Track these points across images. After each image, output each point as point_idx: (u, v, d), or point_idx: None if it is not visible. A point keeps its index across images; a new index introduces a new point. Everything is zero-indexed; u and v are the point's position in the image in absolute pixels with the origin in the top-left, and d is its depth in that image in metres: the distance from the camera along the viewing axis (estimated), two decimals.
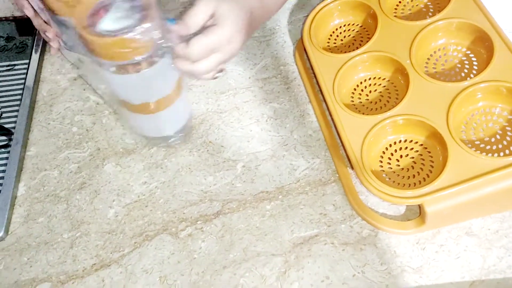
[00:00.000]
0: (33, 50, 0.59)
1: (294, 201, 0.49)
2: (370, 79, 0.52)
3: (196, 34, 0.43)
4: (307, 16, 0.56)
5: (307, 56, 0.54)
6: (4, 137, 0.53)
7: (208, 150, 0.53)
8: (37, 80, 0.57)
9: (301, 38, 0.55)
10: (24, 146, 0.53)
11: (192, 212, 0.49)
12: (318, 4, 0.56)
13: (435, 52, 0.52)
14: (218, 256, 0.46)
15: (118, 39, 0.39)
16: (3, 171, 0.50)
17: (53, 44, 0.53)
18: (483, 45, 0.49)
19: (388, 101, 0.51)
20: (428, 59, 0.52)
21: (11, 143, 0.52)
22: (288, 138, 0.53)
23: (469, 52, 0.51)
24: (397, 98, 0.50)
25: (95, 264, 0.46)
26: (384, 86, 0.52)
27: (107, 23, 0.39)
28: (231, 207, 0.49)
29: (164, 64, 0.43)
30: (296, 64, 0.58)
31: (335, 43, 0.56)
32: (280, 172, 0.51)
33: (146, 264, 0.45)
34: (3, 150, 0.52)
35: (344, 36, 0.56)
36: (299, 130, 0.54)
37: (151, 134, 0.51)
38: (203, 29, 0.43)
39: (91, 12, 0.40)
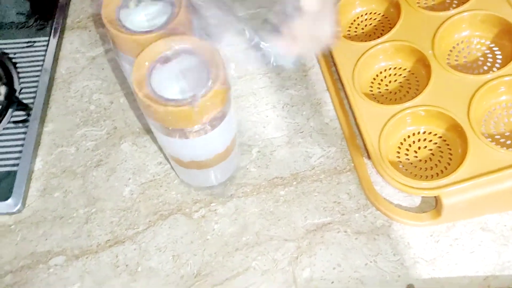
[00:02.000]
0: (53, 28, 0.59)
1: (308, 188, 0.49)
2: (390, 68, 0.52)
3: None
4: None
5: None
6: (22, 112, 0.53)
7: None
8: (56, 58, 0.58)
9: None
10: (42, 122, 0.53)
11: (206, 194, 0.49)
12: None
13: (458, 44, 0.51)
14: (230, 238, 0.46)
15: (187, 108, 0.34)
16: (21, 145, 0.51)
17: None
18: (508, 38, 0.48)
19: (408, 92, 0.50)
20: (451, 50, 0.51)
21: (29, 118, 0.52)
22: (304, 126, 0.53)
23: (493, 45, 0.50)
24: (417, 89, 0.50)
25: (109, 240, 0.46)
26: (405, 77, 0.51)
27: (171, 87, 0.36)
28: (245, 191, 0.49)
29: (224, 126, 0.39)
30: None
31: (355, 31, 0.56)
32: (295, 159, 0.51)
33: (159, 243, 0.46)
34: (21, 125, 0.52)
35: (365, 25, 0.56)
36: (316, 118, 0.53)
37: (194, 183, 0.48)
38: None
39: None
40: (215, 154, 0.43)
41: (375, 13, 0.56)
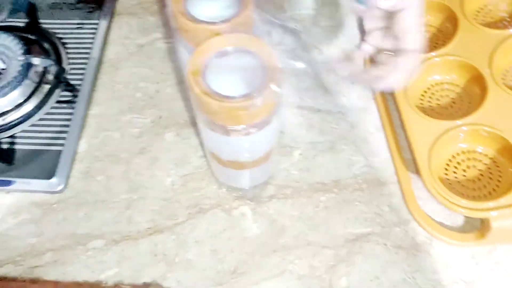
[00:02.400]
0: (103, 12, 0.60)
1: (350, 196, 0.49)
2: (443, 83, 0.51)
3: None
4: None
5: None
6: (69, 93, 0.53)
7: None
8: (105, 42, 0.58)
9: None
10: (88, 104, 0.53)
11: (246, 193, 0.49)
12: None
13: None
14: (268, 239, 0.46)
15: (240, 105, 0.33)
16: (67, 125, 0.51)
17: None
18: None
19: (459, 109, 0.50)
20: (507, 70, 0.50)
21: (76, 99, 0.53)
22: (348, 132, 0.52)
23: None
24: (469, 106, 0.49)
25: (149, 228, 0.46)
26: (458, 93, 0.51)
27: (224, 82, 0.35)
28: (285, 193, 0.49)
29: (268, 130, 0.39)
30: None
31: None
32: (338, 166, 0.50)
33: (198, 236, 0.46)
34: (68, 105, 0.52)
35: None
36: (361, 126, 0.53)
37: (226, 181, 0.48)
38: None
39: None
40: (255, 156, 0.42)
41: (429, 25, 0.55)
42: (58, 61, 0.55)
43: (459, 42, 0.50)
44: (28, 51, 0.53)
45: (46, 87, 0.53)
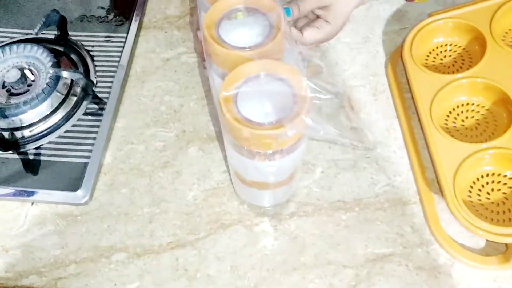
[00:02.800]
0: (131, 25, 0.61)
1: (371, 216, 0.48)
2: (468, 104, 0.51)
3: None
4: (412, 29, 0.54)
5: (405, 71, 0.53)
6: (96, 106, 0.54)
7: None
8: (132, 55, 0.59)
9: (401, 51, 0.54)
10: (114, 117, 0.54)
11: (267, 209, 0.49)
12: (424, 20, 0.54)
13: None
14: (289, 256, 0.46)
15: (270, 133, 0.33)
16: (94, 138, 0.52)
17: None
18: None
19: (484, 131, 0.49)
20: None
21: (103, 112, 0.54)
22: (371, 151, 0.52)
23: None
24: (494, 129, 0.49)
25: (171, 242, 0.47)
26: (483, 114, 0.50)
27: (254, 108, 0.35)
28: (306, 211, 0.49)
29: (298, 152, 0.39)
30: (387, 76, 0.57)
31: (433, 61, 0.55)
32: (359, 184, 0.50)
33: (219, 251, 0.46)
34: (95, 117, 0.54)
35: (445, 56, 0.55)
36: (383, 144, 0.53)
37: (247, 199, 0.48)
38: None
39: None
40: (279, 178, 0.43)
41: (455, 45, 0.55)
42: (86, 73, 0.57)
43: (487, 64, 0.50)
44: (57, 64, 0.54)
45: (74, 99, 0.54)
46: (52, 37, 0.60)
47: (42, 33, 0.57)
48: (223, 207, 0.49)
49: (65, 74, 0.53)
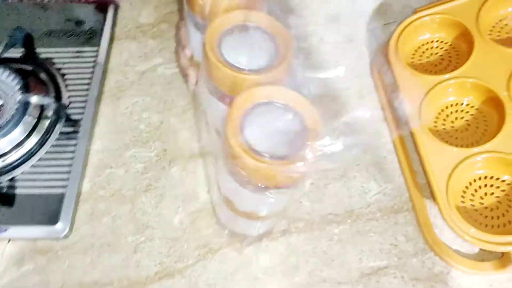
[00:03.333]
0: (102, 37, 0.58)
1: (364, 227, 0.47)
2: (458, 104, 0.49)
3: None
4: (396, 28, 0.52)
5: (391, 72, 0.51)
6: (71, 128, 0.52)
7: None
8: (105, 70, 0.56)
9: (386, 51, 0.52)
10: (90, 139, 0.52)
11: (257, 229, 0.47)
12: (408, 17, 0.52)
13: None
14: (282, 277, 0.45)
15: (278, 169, 0.31)
16: (69, 165, 0.49)
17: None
18: None
19: (475, 132, 0.48)
20: None
21: (78, 135, 0.51)
22: (360, 158, 0.51)
23: None
24: (485, 130, 0.47)
25: (158, 272, 0.45)
26: (472, 114, 0.48)
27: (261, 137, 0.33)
28: (297, 227, 0.47)
29: (300, 186, 0.38)
30: (373, 77, 0.55)
31: (420, 59, 0.53)
32: (350, 194, 0.49)
33: (209, 278, 0.45)
34: (69, 142, 0.51)
35: (431, 54, 0.53)
36: (372, 151, 0.51)
37: (232, 227, 0.46)
38: None
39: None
40: (273, 210, 0.41)
41: (442, 41, 0.53)
42: (57, 93, 0.53)
43: (474, 61, 0.48)
44: (25, 86, 0.51)
45: (46, 122, 0.51)
46: (18, 56, 0.56)
47: (8, 52, 0.53)
48: (210, 229, 0.47)
49: (34, 99, 0.50)
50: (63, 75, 0.55)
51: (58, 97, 0.53)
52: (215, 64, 0.35)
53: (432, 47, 0.53)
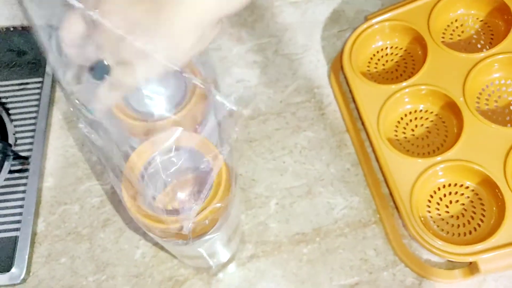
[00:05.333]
0: (46, 67, 0.55)
1: (333, 244, 0.46)
2: (416, 111, 0.49)
3: None
4: (347, 39, 0.51)
5: (347, 83, 0.50)
6: (20, 167, 0.49)
7: (239, 184, 0.49)
8: (51, 101, 0.53)
9: (341, 63, 0.51)
10: (41, 176, 0.49)
11: (224, 255, 0.46)
12: (359, 26, 0.51)
13: (487, 86, 0.48)
14: None
15: (173, 226, 0.30)
16: (21, 205, 0.47)
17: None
18: None
19: (436, 138, 0.47)
20: (480, 93, 0.48)
21: (28, 173, 0.48)
22: (324, 173, 0.50)
23: None
24: (446, 135, 0.47)
25: None
26: (432, 121, 0.48)
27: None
28: (265, 250, 0.46)
29: (226, 227, 0.35)
30: (332, 87, 0.54)
31: (376, 67, 0.52)
32: (317, 212, 0.48)
33: None
34: (20, 181, 0.48)
35: (386, 61, 0.52)
36: (336, 163, 0.50)
37: (193, 265, 0.45)
38: None
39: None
40: (212, 252, 0.39)
41: (396, 47, 0.52)
42: (2, 130, 0.50)
43: (429, 68, 0.48)
44: None
45: None
46: None
47: None
48: (175, 261, 0.45)
49: None
50: (7, 109, 0.52)
51: (3, 133, 0.50)
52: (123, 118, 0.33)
53: (386, 54, 0.52)
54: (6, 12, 0.60)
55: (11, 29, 0.57)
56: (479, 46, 0.51)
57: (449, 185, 0.45)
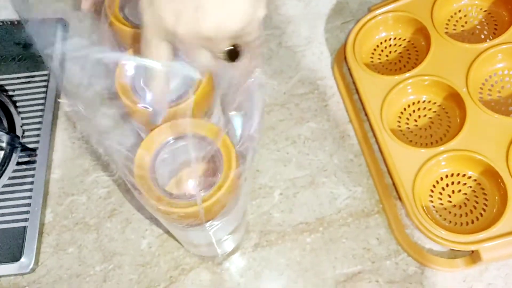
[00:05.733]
0: (53, 59, 0.55)
1: (336, 234, 0.47)
2: (419, 102, 0.49)
3: None
4: (352, 28, 0.52)
5: (351, 75, 0.51)
6: (27, 159, 0.50)
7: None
8: (58, 94, 0.54)
9: (344, 54, 0.51)
10: (49, 167, 0.50)
11: (229, 244, 0.46)
12: (362, 17, 0.52)
13: (490, 76, 0.48)
14: None
15: (184, 210, 0.31)
16: (29, 197, 0.47)
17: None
18: None
19: (438, 128, 0.48)
20: (483, 84, 0.48)
21: (35, 165, 0.49)
22: (327, 163, 0.50)
23: None
24: (448, 126, 0.47)
25: None
26: (435, 111, 0.48)
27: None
28: (269, 240, 0.47)
29: (236, 211, 0.36)
30: (335, 79, 0.54)
31: (379, 58, 0.52)
32: (320, 201, 0.48)
33: None
34: (27, 173, 0.49)
35: (390, 52, 0.52)
36: (339, 154, 0.51)
37: (197, 254, 0.45)
38: None
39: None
40: (219, 239, 0.40)
41: (400, 38, 0.52)
42: (10, 123, 0.51)
43: (432, 58, 0.48)
44: None
45: (1, 153, 0.49)
46: None
47: None
48: (181, 250, 0.46)
49: None
50: (14, 102, 0.53)
51: (11, 126, 0.51)
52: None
53: (390, 45, 0.52)
54: (12, 5, 0.60)
55: (16, 22, 0.57)
56: (482, 36, 0.51)
57: (452, 175, 0.45)
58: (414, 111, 0.49)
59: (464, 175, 0.45)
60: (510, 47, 0.46)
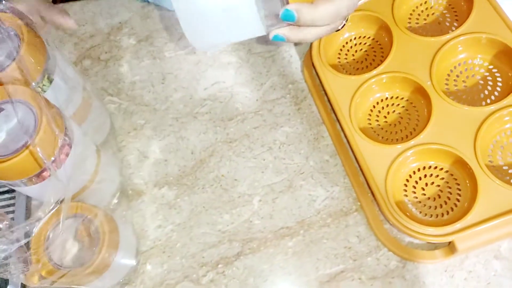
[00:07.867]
0: None
1: (316, 235, 0.47)
2: (387, 98, 0.50)
3: None
4: None
5: (318, 77, 0.51)
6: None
7: (221, 185, 0.51)
8: None
9: (310, 57, 0.52)
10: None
11: (212, 255, 0.47)
12: None
13: (455, 67, 0.49)
14: None
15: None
16: (12, 218, 0.48)
17: None
18: (508, 60, 0.46)
19: (408, 123, 0.48)
20: (448, 75, 0.49)
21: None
22: (304, 166, 0.51)
23: (491, 67, 0.48)
24: (418, 120, 0.48)
25: None
26: (403, 107, 0.49)
27: None
28: (251, 247, 0.47)
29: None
30: (306, 82, 0.55)
31: (346, 58, 0.53)
32: (299, 204, 0.49)
33: None
34: (8, 195, 0.49)
35: (356, 51, 0.53)
36: (315, 156, 0.51)
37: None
38: None
39: None
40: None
41: (364, 37, 0.53)
42: None
43: (396, 55, 0.48)
44: None
45: None
46: None
47: None
48: (165, 266, 0.47)
49: None
50: None
51: None
52: None
53: (355, 44, 0.53)
54: None
55: None
56: (445, 28, 0.51)
57: (424, 168, 0.46)
58: (383, 108, 0.50)
59: (436, 167, 0.46)
60: (469, 38, 0.47)
